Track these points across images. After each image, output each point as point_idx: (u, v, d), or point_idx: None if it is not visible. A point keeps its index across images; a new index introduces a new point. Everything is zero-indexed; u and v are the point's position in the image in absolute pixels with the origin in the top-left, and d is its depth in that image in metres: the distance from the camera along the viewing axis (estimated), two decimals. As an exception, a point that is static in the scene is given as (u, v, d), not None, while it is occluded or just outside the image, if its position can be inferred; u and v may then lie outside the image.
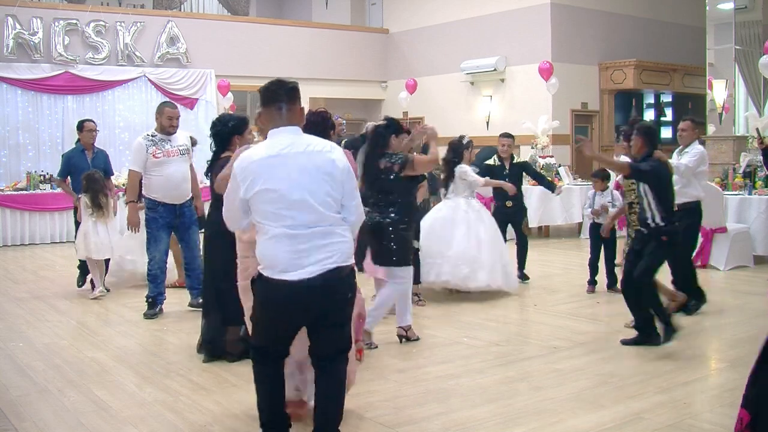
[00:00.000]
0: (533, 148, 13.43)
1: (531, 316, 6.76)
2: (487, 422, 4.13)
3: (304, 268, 3.26)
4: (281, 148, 3.34)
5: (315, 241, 3.29)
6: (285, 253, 3.27)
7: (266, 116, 3.45)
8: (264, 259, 3.34)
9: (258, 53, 16.30)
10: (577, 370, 5.07)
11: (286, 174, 3.28)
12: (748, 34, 14.73)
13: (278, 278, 3.28)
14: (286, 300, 3.31)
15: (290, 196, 3.27)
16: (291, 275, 3.26)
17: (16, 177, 13.37)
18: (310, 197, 3.29)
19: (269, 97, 3.44)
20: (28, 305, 7.51)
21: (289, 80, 3.51)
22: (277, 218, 3.28)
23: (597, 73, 15.89)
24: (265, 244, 3.33)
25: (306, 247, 3.27)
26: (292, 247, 3.26)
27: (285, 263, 3.27)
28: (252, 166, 3.31)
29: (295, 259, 3.26)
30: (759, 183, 9.75)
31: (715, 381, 5.07)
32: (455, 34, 16.47)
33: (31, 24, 13.96)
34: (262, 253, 3.35)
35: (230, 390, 4.79)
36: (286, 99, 3.43)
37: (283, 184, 3.26)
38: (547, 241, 12.25)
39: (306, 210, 3.28)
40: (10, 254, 11.35)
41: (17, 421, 4.20)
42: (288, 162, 3.30)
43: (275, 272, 3.29)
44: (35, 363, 5.40)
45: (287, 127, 3.41)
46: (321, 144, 3.44)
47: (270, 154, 3.32)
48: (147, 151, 6.64)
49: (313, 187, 3.30)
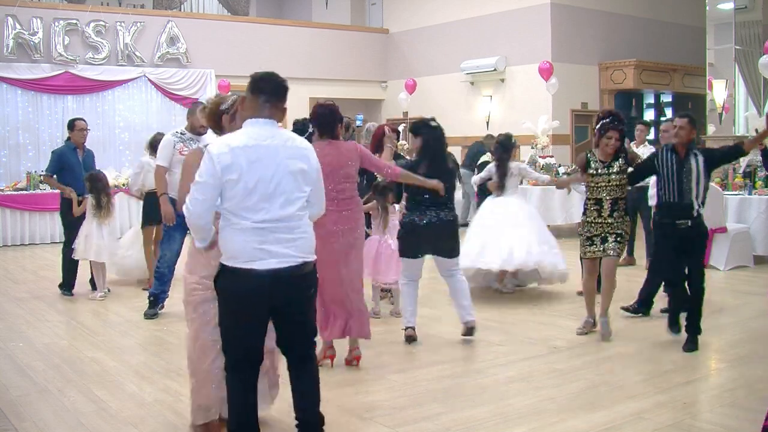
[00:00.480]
0: (533, 148, 13.43)
1: (531, 316, 6.76)
2: (487, 422, 4.13)
3: (269, 260, 3.29)
4: (262, 139, 3.34)
5: (282, 234, 3.32)
6: (251, 243, 3.28)
7: (250, 104, 3.45)
8: (228, 250, 3.35)
9: (258, 53, 16.28)
10: (577, 370, 5.07)
11: (264, 166, 3.29)
12: (748, 34, 14.74)
13: (243, 267, 3.29)
14: (251, 289, 3.31)
15: (266, 188, 3.28)
16: (256, 264, 3.28)
17: (16, 177, 13.38)
18: (284, 192, 3.32)
19: (259, 87, 3.44)
20: (28, 305, 7.51)
21: (282, 78, 3.51)
22: (248, 210, 3.28)
23: (597, 73, 15.89)
24: (231, 235, 3.32)
25: (273, 239, 3.30)
26: (259, 239, 3.28)
27: (251, 254, 3.28)
28: (231, 152, 3.28)
29: (262, 251, 3.28)
30: (759, 183, 9.74)
31: (715, 381, 5.07)
32: (455, 34, 16.47)
33: (31, 24, 13.96)
34: (227, 243, 3.34)
35: (230, 390, 4.79)
36: (275, 94, 3.44)
37: (261, 175, 3.28)
38: (547, 241, 12.24)
39: (278, 204, 3.31)
40: (10, 254, 11.36)
41: (17, 421, 4.20)
42: (267, 154, 3.31)
43: (240, 262, 3.30)
44: (35, 363, 5.40)
45: (266, 119, 3.41)
46: (299, 140, 3.50)
47: (250, 143, 3.31)
48: (174, 147, 6.59)
49: (287, 181, 3.33)
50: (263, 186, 3.28)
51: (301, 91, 16.76)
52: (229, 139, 3.39)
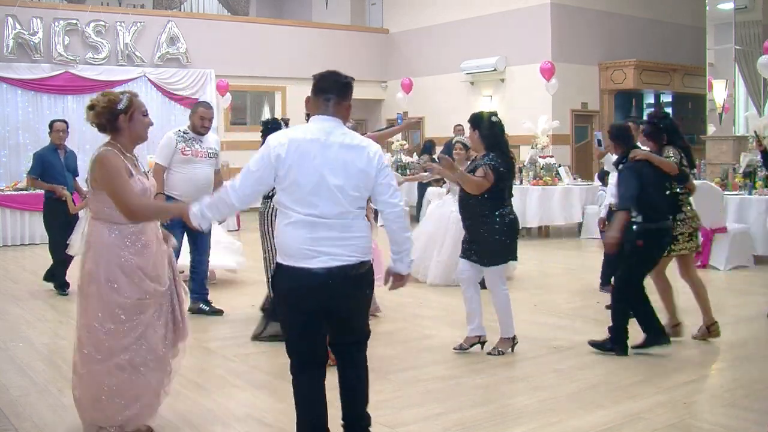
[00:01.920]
0: (533, 148, 13.43)
1: (531, 316, 6.75)
2: (487, 422, 4.13)
3: (321, 257, 3.24)
4: (320, 134, 3.31)
5: (335, 232, 3.26)
6: (303, 240, 3.24)
7: (314, 104, 3.43)
8: (283, 248, 3.32)
9: (258, 53, 16.30)
10: (577, 370, 5.07)
11: (319, 161, 3.25)
12: (748, 34, 14.74)
13: (297, 266, 3.25)
14: (309, 288, 3.27)
15: (319, 183, 3.24)
16: (312, 263, 3.24)
17: (16, 177, 13.37)
18: (338, 189, 3.26)
19: (321, 86, 3.42)
20: (28, 305, 7.51)
21: (345, 75, 3.48)
22: (301, 203, 3.25)
23: (597, 73, 15.90)
24: (284, 230, 3.30)
25: (325, 237, 3.25)
26: (310, 235, 3.24)
27: (303, 251, 3.24)
28: (289, 144, 3.26)
29: (313, 248, 3.24)
30: (759, 183, 9.74)
31: (715, 381, 5.07)
32: (455, 34, 16.47)
33: (31, 24, 13.97)
34: (282, 239, 3.32)
35: (230, 390, 4.79)
36: (336, 92, 3.41)
37: (315, 170, 3.24)
38: (547, 241, 12.25)
39: (332, 200, 3.25)
40: (10, 254, 11.35)
41: (17, 421, 4.20)
42: (323, 149, 3.27)
43: (296, 261, 3.26)
44: (35, 363, 5.40)
45: (330, 117, 3.38)
46: (358, 138, 3.43)
47: (307, 137, 3.30)
48: (176, 146, 6.49)
49: (342, 178, 3.27)
50: (313, 181, 3.24)
51: (301, 92, 16.76)
52: (288, 130, 3.42)
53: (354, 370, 3.52)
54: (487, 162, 5.26)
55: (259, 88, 16.93)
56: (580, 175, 13.51)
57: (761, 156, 8.09)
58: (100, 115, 3.75)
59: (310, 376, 3.41)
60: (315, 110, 3.42)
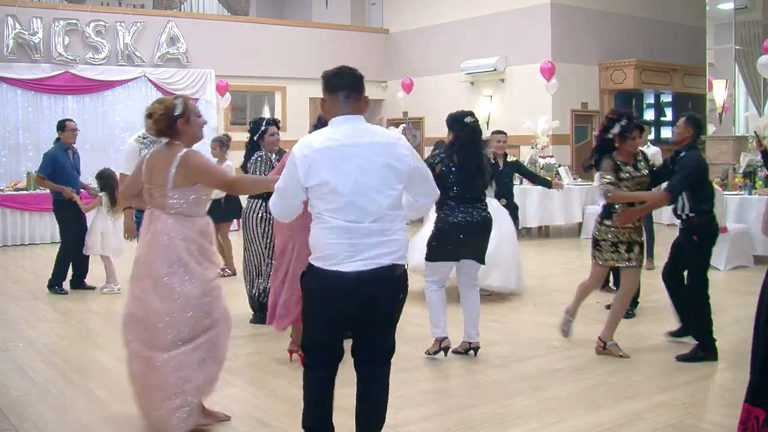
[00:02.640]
0: (533, 148, 13.43)
1: (531, 316, 6.76)
2: (487, 422, 4.13)
3: (357, 261, 3.18)
4: (345, 137, 3.22)
5: (372, 236, 3.19)
6: (341, 245, 3.18)
7: (330, 104, 3.34)
8: (317, 249, 3.26)
9: (258, 53, 16.29)
10: (577, 370, 5.07)
11: (349, 166, 3.17)
12: (748, 34, 14.74)
13: (332, 269, 3.20)
14: (339, 290, 3.22)
15: (352, 189, 3.16)
16: (345, 266, 3.18)
17: (16, 177, 13.37)
18: (372, 192, 3.19)
19: (334, 84, 3.32)
20: (28, 305, 7.51)
21: (354, 69, 3.40)
22: (336, 211, 3.18)
23: (597, 73, 15.89)
24: (320, 234, 3.23)
25: (362, 242, 3.19)
26: (348, 240, 3.18)
27: (340, 255, 3.18)
28: (314, 154, 3.18)
29: (351, 252, 3.18)
30: (759, 183, 9.75)
31: (715, 381, 5.07)
32: (455, 34, 16.46)
33: (31, 24, 13.96)
34: (317, 242, 3.26)
35: (230, 390, 4.79)
36: (351, 86, 3.31)
37: (346, 176, 3.15)
38: (547, 241, 12.25)
39: (367, 204, 3.18)
40: (10, 254, 11.35)
41: (17, 421, 4.20)
42: (352, 153, 3.19)
43: (329, 264, 3.21)
44: (35, 363, 5.40)
45: (350, 115, 3.29)
46: (386, 135, 3.35)
47: (333, 143, 3.20)
48: (140, 153, 6.24)
49: (375, 181, 3.19)
50: (349, 187, 3.16)
51: (301, 92, 16.78)
52: (311, 138, 3.29)
53: (377, 389, 3.49)
54: (428, 159, 5.37)
55: (259, 88, 16.92)
56: (580, 175, 13.50)
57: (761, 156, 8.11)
58: (159, 122, 3.90)
59: (324, 373, 3.43)
60: (332, 110, 3.32)
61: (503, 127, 11.18)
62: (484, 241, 5.45)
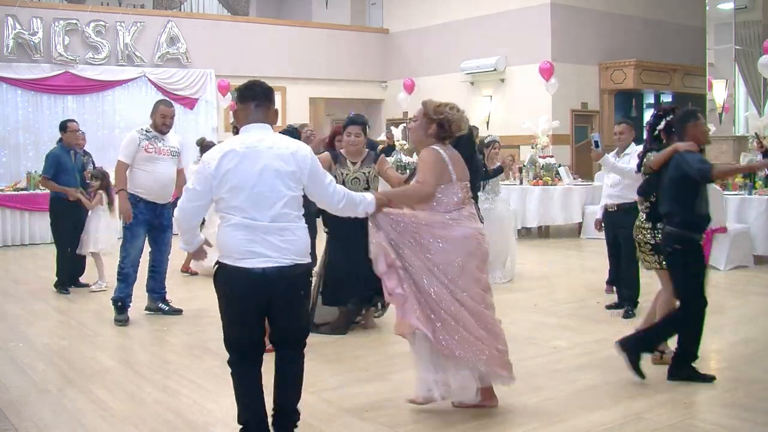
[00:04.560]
0: (533, 148, 13.43)
1: (531, 316, 6.76)
2: (488, 422, 4.13)
3: (258, 258, 3.42)
4: (250, 142, 3.50)
5: (271, 235, 3.44)
6: (240, 241, 3.43)
7: (242, 112, 3.62)
8: (222, 247, 3.52)
9: (258, 53, 16.29)
10: (577, 370, 5.07)
11: (251, 168, 3.43)
12: (748, 34, 14.74)
13: (235, 265, 3.45)
14: (242, 287, 3.46)
15: (252, 189, 3.43)
16: (246, 263, 3.42)
17: (16, 177, 13.37)
18: (271, 193, 3.45)
19: (245, 95, 3.63)
20: (28, 305, 7.51)
21: (264, 83, 3.71)
22: (237, 210, 3.45)
23: (597, 73, 15.89)
24: (224, 231, 3.50)
25: (262, 239, 3.43)
26: (249, 236, 3.43)
27: (240, 251, 3.43)
28: (224, 157, 3.45)
29: (250, 248, 3.42)
30: (759, 183, 9.74)
31: (715, 381, 5.06)
32: (455, 34, 16.47)
33: (31, 24, 13.96)
34: (222, 240, 3.51)
35: (230, 390, 4.77)
36: (261, 98, 3.62)
37: (248, 177, 3.42)
38: (547, 241, 12.25)
39: (266, 205, 3.44)
40: (10, 254, 11.36)
41: (17, 421, 4.20)
42: (255, 156, 3.45)
43: (232, 260, 3.46)
44: (35, 363, 5.40)
45: (258, 123, 3.58)
46: (287, 142, 3.60)
47: (239, 147, 3.48)
48: (139, 144, 6.51)
49: (274, 183, 3.45)
50: (248, 186, 3.42)
51: (301, 92, 16.78)
52: (222, 144, 3.59)
53: (289, 370, 3.68)
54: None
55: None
56: (580, 175, 13.50)
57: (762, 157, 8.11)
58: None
59: (247, 368, 3.60)
60: (243, 118, 3.61)
61: (503, 127, 11.21)
62: None
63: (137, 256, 6.66)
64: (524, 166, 12.83)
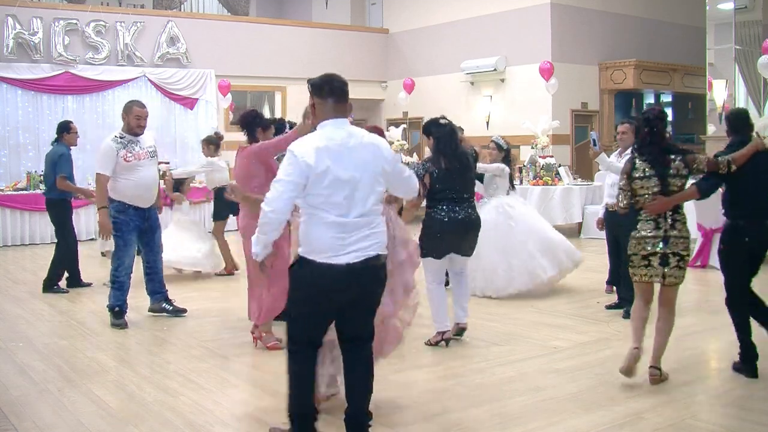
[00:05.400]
0: (533, 148, 13.43)
1: (531, 316, 6.76)
2: (487, 422, 4.13)
3: (348, 254, 3.43)
4: (341, 139, 3.49)
5: (361, 229, 3.47)
6: (333, 239, 3.43)
7: (320, 107, 3.59)
8: (309, 243, 3.47)
9: (258, 53, 16.29)
10: (577, 370, 5.07)
11: (349, 165, 3.44)
12: (748, 34, 14.73)
13: (324, 262, 3.43)
14: (329, 283, 3.45)
15: (348, 185, 3.43)
16: (336, 259, 3.42)
17: (16, 177, 13.37)
18: (364, 188, 3.47)
19: (325, 90, 3.58)
20: (28, 305, 7.51)
21: (340, 76, 3.69)
22: (332, 205, 3.43)
23: (597, 73, 15.89)
24: (313, 229, 3.46)
25: (352, 234, 3.45)
26: (339, 234, 3.43)
27: (333, 248, 3.42)
28: (320, 152, 3.41)
29: (341, 245, 3.43)
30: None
31: (715, 381, 5.07)
32: (455, 34, 16.47)
33: (31, 24, 13.96)
34: (309, 237, 3.47)
35: (230, 390, 4.79)
36: (340, 93, 3.60)
37: (344, 173, 3.42)
38: (547, 241, 12.23)
39: (359, 200, 3.46)
40: (10, 254, 11.36)
41: (17, 421, 4.20)
42: (349, 153, 3.46)
43: (321, 257, 3.43)
44: (35, 363, 5.40)
45: (339, 119, 3.57)
46: (369, 137, 3.62)
47: (332, 144, 3.46)
48: (117, 154, 6.33)
49: (369, 179, 3.49)
50: (347, 184, 3.43)
51: (301, 92, 16.76)
52: (311, 139, 3.52)
53: (362, 364, 3.70)
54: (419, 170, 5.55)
55: (259, 88, 16.92)
56: (580, 175, 13.50)
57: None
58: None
59: (307, 358, 3.62)
60: (321, 114, 3.58)
61: (503, 127, 11.21)
62: (466, 236, 5.72)
63: (131, 263, 6.59)
64: (524, 166, 12.83)
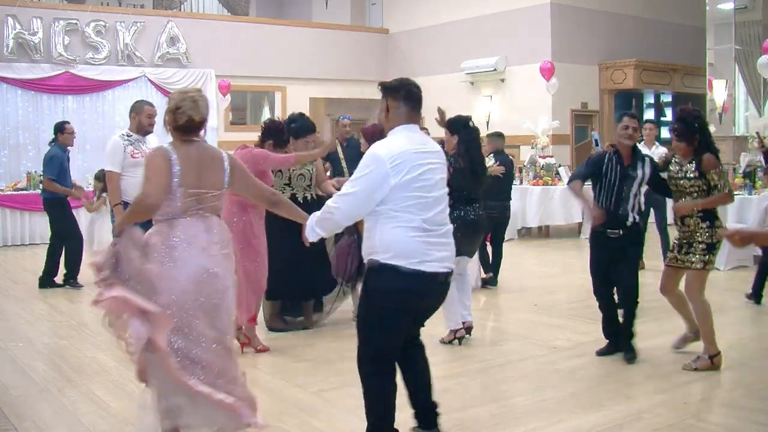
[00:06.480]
0: (533, 148, 13.43)
1: (531, 316, 6.75)
2: (487, 422, 4.13)
3: (434, 262, 3.34)
4: (418, 144, 3.43)
5: (443, 238, 3.41)
6: (421, 243, 3.31)
7: (394, 111, 3.52)
8: (395, 247, 3.30)
9: (258, 53, 16.29)
10: (577, 370, 5.07)
11: (425, 169, 3.37)
12: (748, 34, 14.75)
13: (417, 269, 3.29)
14: (425, 290, 3.38)
15: (434, 191, 3.39)
16: (425, 266, 3.31)
17: (16, 177, 13.37)
18: (441, 194, 3.45)
19: (401, 95, 3.56)
20: (28, 305, 7.51)
21: (415, 82, 3.69)
22: (419, 209, 3.32)
23: (597, 73, 15.90)
24: (398, 232, 3.30)
25: (436, 242, 3.36)
26: (425, 240, 3.32)
27: (420, 254, 3.30)
28: (403, 155, 3.31)
29: (428, 252, 3.32)
30: (759, 183, 9.74)
31: (715, 381, 5.06)
32: (455, 34, 16.47)
33: (31, 24, 13.97)
34: (394, 240, 3.30)
35: (230, 390, 4.78)
36: (416, 99, 3.59)
37: (424, 177, 3.35)
38: (547, 241, 12.25)
39: (442, 207, 3.44)
40: (10, 254, 11.35)
41: (17, 421, 4.20)
42: (427, 158, 3.40)
43: (409, 263, 3.29)
44: (35, 363, 5.40)
45: (412, 125, 3.52)
46: (433, 143, 3.61)
47: (413, 148, 3.38)
48: (125, 150, 6.34)
49: (440, 184, 3.46)
50: (426, 188, 3.35)
51: (301, 92, 16.77)
52: (391, 142, 3.40)
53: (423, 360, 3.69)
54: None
55: (259, 88, 16.92)
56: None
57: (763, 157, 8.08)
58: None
59: (388, 370, 3.47)
60: (395, 118, 3.50)
61: (503, 127, 11.21)
62: (475, 238, 5.78)
63: None
64: (524, 166, 12.83)
